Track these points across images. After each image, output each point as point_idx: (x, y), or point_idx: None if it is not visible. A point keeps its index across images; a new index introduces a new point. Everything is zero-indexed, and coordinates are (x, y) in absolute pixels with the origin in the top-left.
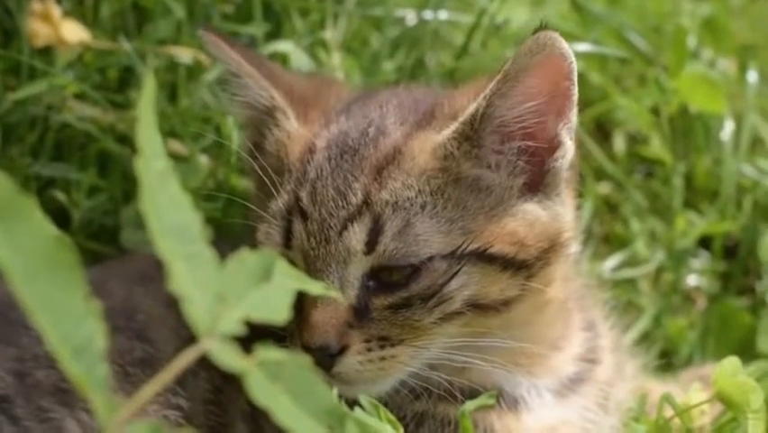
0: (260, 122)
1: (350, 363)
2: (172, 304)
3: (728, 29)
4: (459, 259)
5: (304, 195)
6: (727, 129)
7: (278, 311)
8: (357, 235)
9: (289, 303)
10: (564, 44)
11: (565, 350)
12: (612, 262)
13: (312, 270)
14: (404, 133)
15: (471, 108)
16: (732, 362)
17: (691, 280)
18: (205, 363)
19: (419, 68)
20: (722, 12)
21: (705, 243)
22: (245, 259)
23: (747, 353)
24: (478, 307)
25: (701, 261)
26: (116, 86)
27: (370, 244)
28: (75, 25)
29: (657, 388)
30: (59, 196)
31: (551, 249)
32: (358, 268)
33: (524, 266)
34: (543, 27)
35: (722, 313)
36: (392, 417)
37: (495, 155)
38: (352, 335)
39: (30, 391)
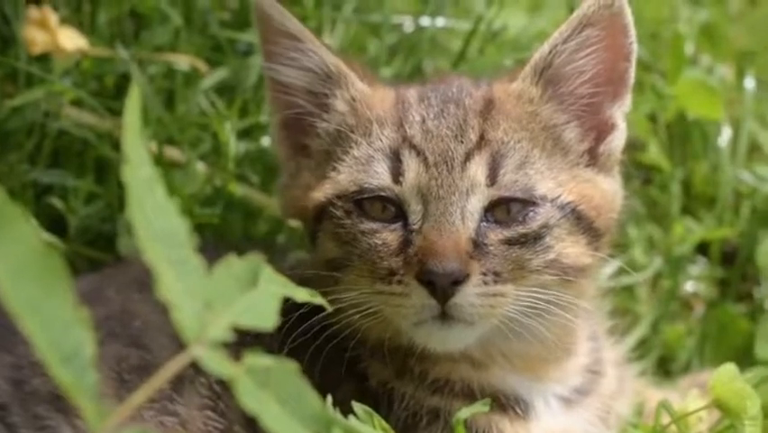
0: (317, 85)
1: (468, 293)
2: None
3: (726, 35)
4: (560, 208)
5: (415, 134)
6: (725, 135)
7: (265, 317)
8: (480, 167)
9: (277, 309)
10: (630, 20)
11: (576, 356)
12: (610, 268)
13: (432, 201)
14: (487, 89)
15: (537, 54)
16: (729, 368)
17: (689, 286)
18: (203, 369)
19: (417, 74)
20: (720, 18)
21: (703, 249)
22: (232, 265)
23: (745, 359)
24: (560, 266)
25: (699, 267)
26: (113, 93)
27: (492, 177)
28: (72, 32)
29: (655, 394)
30: (57, 203)
31: (609, 227)
32: (479, 200)
33: (596, 235)
34: None
35: (720, 319)
36: (386, 424)
37: (564, 102)
38: (472, 265)
39: (26, 399)
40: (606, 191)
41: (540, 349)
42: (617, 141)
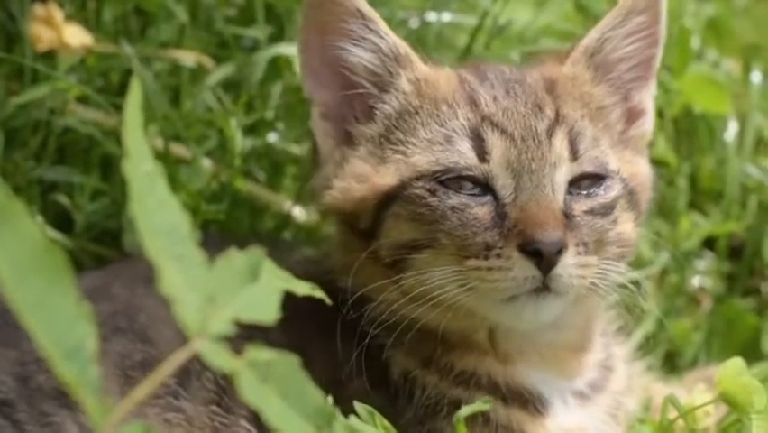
0: (384, 66)
1: (568, 263)
2: None
3: (732, 29)
4: (621, 182)
5: (494, 112)
6: (731, 130)
7: (266, 311)
8: (563, 142)
9: (278, 302)
10: (665, 6)
11: (592, 351)
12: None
13: (525, 174)
14: (541, 70)
15: (586, 39)
16: (736, 363)
17: (696, 281)
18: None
19: None
20: (726, 12)
21: (710, 244)
22: (233, 259)
23: (752, 354)
24: (623, 240)
25: (706, 262)
26: (119, 89)
27: (574, 152)
28: (77, 29)
29: (661, 389)
30: (62, 199)
31: (647, 207)
32: (564, 173)
33: (639, 213)
34: None
35: (727, 314)
36: (387, 423)
37: (612, 86)
38: (568, 235)
39: (32, 395)
40: (643, 172)
41: (569, 337)
42: (647, 124)
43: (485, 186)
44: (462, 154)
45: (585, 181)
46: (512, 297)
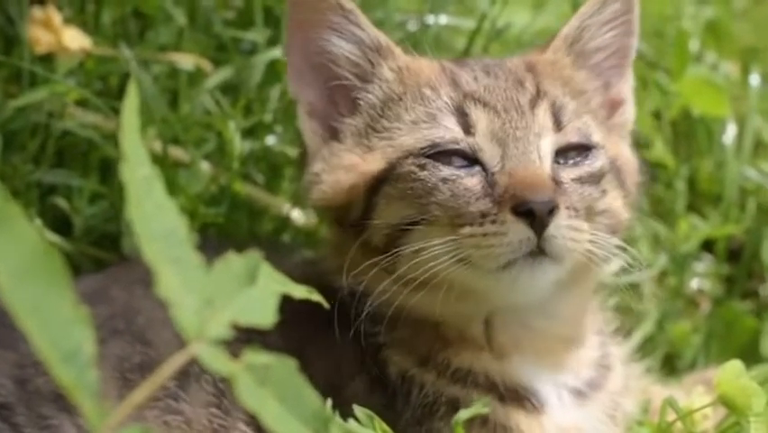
0: (366, 57)
1: (561, 224)
2: None
3: (731, 32)
4: (607, 158)
5: (476, 89)
6: (730, 132)
7: (264, 314)
8: (546, 113)
9: (276, 306)
10: None
11: (585, 347)
12: (615, 265)
13: (510, 142)
14: (521, 57)
15: (566, 28)
16: (735, 365)
17: (695, 283)
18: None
19: None
20: (725, 15)
21: (708, 246)
22: (231, 263)
23: (751, 356)
24: (612, 214)
25: (705, 264)
26: (118, 92)
27: (557, 123)
28: (76, 32)
29: (660, 392)
30: (61, 203)
31: (635, 191)
32: (549, 143)
33: (628, 194)
34: None
35: (726, 317)
36: (386, 427)
37: (592, 72)
38: (558, 198)
39: (30, 398)
40: (627, 154)
41: (562, 328)
42: (628, 113)
43: (473, 159)
44: (448, 129)
45: (571, 152)
46: (508, 263)
